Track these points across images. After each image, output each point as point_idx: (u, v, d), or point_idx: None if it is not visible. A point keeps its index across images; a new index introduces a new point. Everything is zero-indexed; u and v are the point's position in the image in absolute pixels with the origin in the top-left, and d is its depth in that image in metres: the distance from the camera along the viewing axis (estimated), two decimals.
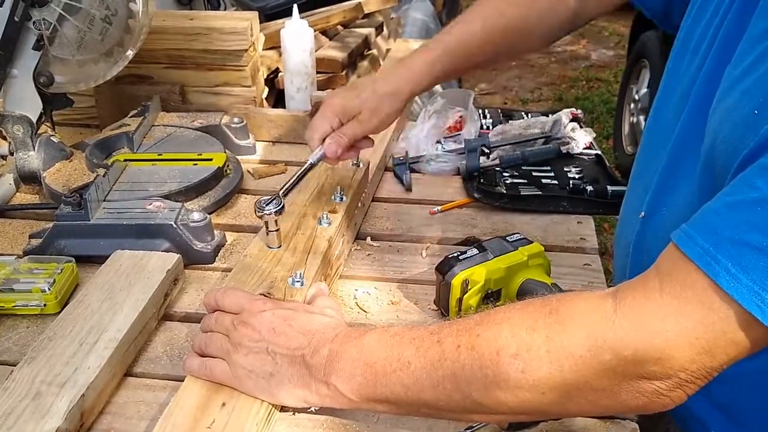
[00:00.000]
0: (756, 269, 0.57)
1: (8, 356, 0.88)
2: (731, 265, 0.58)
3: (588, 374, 0.62)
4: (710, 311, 0.59)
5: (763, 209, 0.57)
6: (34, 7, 1.12)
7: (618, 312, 0.62)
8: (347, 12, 1.94)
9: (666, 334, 0.60)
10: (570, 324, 0.63)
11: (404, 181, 1.29)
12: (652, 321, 0.61)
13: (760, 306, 0.57)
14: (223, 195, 1.20)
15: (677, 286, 0.61)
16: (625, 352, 0.61)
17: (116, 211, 1.08)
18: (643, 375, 0.61)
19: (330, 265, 0.98)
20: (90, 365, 0.78)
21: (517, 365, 0.63)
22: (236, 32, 1.45)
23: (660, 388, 0.61)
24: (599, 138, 4.12)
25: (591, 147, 1.39)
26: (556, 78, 5.47)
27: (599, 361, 0.61)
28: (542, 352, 0.63)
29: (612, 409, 0.67)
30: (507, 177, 1.28)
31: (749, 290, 0.57)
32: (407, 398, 0.69)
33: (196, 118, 1.39)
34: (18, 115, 1.20)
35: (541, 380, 0.63)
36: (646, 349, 0.60)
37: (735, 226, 0.59)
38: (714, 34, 0.79)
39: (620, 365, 0.61)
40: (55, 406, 0.73)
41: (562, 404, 0.64)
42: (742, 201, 0.59)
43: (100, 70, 1.21)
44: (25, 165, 1.22)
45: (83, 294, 0.90)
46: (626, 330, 0.61)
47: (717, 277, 0.58)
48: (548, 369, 0.63)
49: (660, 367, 0.60)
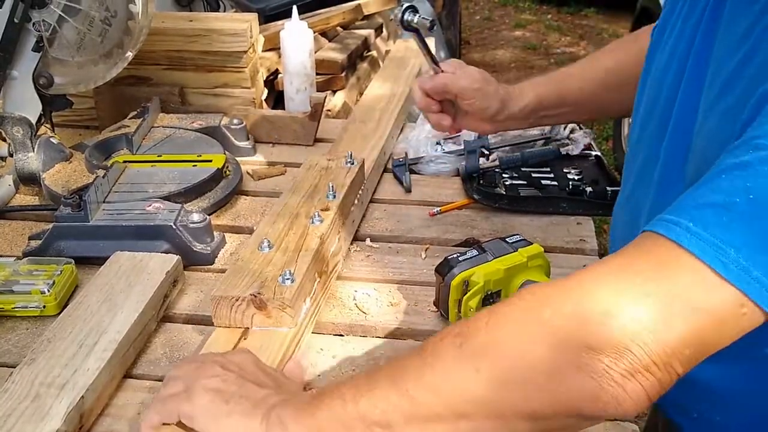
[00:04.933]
0: (718, 225, 0.54)
1: (8, 358, 0.87)
2: (692, 225, 0.55)
3: (526, 339, 0.56)
4: (665, 268, 0.54)
5: (726, 175, 0.56)
6: (33, 9, 1.12)
7: (567, 278, 0.58)
8: (347, 13, 1.95)
9: (611, 287, 0.55)
10: (514, 297, 0.60)
11: (404, 182, 1.29)
12: (598, 277, 0.57)
13: (724, 262, 0.53)
14: (223, 196, 1.20)
15: (632, 249, 0.57)
16: (565, 307, 0.56)
17: (116, 212, 1.08)
18: (588, 341, 0.54)
19: (325, 262, 0.98)
20: (89, 367, 0.78)
21: (456, 341, 0.59)
22: (236, 34, 1.45)
23: (610, 368, 0.54)
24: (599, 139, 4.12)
25: (590, 148, 1.38)
26: None
27: (538, 320, 0.56)
28: (481, 324, 0.59)
29: (556, 399, 0.56)
30: (506, 178, 1.27)
31: (710, 245, 0.53)
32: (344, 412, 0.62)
33: (196, 120, 1.39)
34: (17, 116, 1.20)
35: (475, 353, 0.58)
36: (588, 302, 0.55)
37: (699, 195, 0.57)
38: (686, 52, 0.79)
39: (561, 324, 0.55)
40: (54, 408, 0.73)
41: (498, 388, 0.57)
42: (708, 176, 0.58)
43: (100, 72, 1.21)
44: (25, 166, 1.22)
45: (83, 295, 0.90)
46: (569, 286, 0.57)
47: (675, 236, 0.54)
48: (485, 338, 0.58)
49: (606, 328, 0.54)
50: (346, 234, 1.09)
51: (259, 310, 0.86)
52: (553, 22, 6.70)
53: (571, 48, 6.09)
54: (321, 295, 0.96)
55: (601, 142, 4.07)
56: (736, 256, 0.53)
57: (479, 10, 7.14)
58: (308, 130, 1.41)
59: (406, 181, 1.29)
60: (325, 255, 0.98)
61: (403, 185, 1.29)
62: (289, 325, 0.86)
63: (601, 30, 6.46)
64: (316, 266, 0.94)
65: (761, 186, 0.54)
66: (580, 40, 6.25)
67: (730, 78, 0.67)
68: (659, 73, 0.83)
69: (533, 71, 5.62)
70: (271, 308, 0.85)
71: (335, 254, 1.03)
